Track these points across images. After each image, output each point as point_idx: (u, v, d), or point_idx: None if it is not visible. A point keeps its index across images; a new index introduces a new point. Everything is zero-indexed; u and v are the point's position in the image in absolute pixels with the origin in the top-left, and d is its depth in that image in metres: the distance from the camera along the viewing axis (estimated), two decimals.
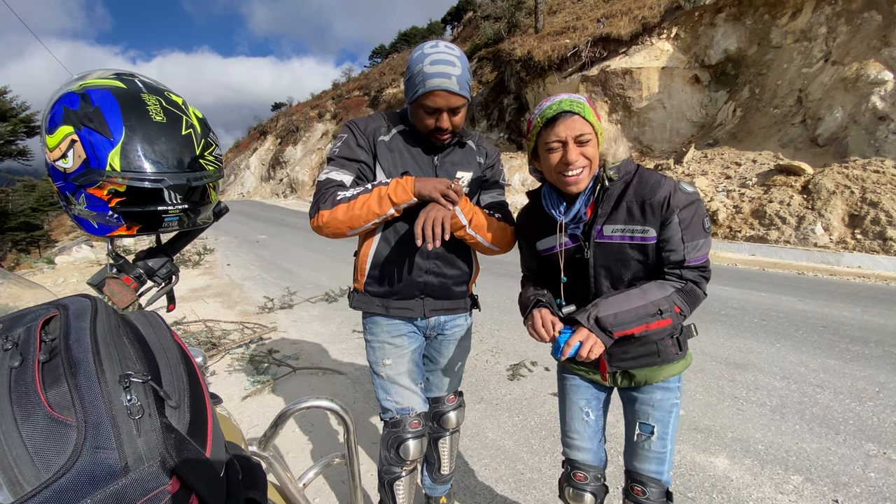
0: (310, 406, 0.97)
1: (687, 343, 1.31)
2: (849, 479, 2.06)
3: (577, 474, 1.36)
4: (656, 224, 1.17)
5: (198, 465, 0.41)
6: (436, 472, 1.82)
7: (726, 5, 11.20)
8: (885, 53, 8.56)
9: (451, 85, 1.30)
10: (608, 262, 1.23)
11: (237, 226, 14.35)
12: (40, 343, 0.42)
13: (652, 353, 1.27)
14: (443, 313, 1.59)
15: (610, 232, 1.21)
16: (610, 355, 1.29)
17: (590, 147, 1.16)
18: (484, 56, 18.33)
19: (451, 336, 1.65)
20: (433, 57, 1.30)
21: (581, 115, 1.14)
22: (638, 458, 1.31)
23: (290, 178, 30.12)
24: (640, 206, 1.18)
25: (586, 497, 1.34)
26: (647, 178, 1.20)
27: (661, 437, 1.29)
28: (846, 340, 3.63)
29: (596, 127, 1.17)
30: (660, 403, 1.29)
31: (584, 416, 1.39)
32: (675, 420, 1.31)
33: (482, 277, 1.85)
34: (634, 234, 1.19)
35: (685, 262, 1.18)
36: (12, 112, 16.49)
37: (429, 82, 1.29)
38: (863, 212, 7.23)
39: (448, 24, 34.52)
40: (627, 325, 1.14)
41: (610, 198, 1.21)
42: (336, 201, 1.35)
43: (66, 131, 0.82)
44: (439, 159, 1.49)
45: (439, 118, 1.35)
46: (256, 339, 4.10)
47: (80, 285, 6.55)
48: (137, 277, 1.01)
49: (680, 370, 1.29)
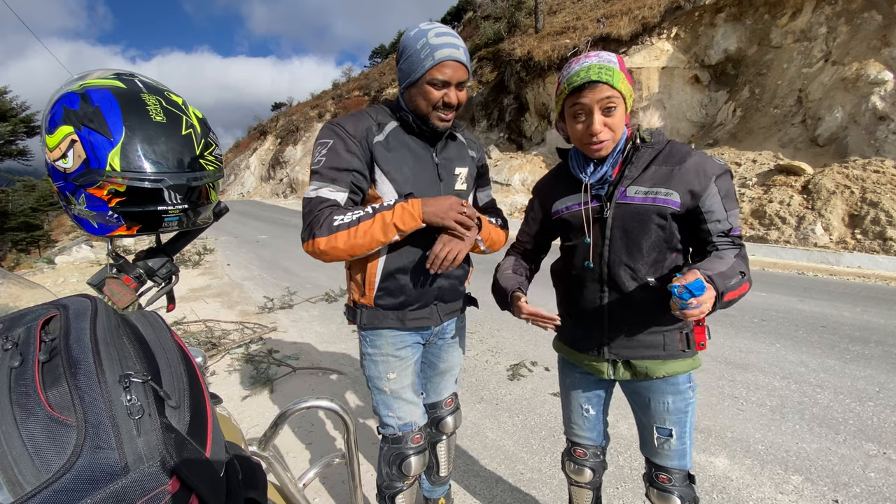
0: (310, 406, 0.97)
1: (695, 344, 1.25)
2: (849, 479, 2.06)
3: (577, 450, 1.45)
4: (683, 191, 1.15)
5: (198, 465, 0.41)
6: (434, 475, 1.79)
7: (726, 5, 11.20)
8: (885, 53, 8.56)
9: (460, 55, 1.26)
10: (627, 223, 1.19)
11: (237, 226, 14.35)
12: (40, 343, 0.42)
13: (657, 344, 1.23)
14: (452, 316, 1.54)
15: (633, 193, 1.18)
16: (610, 341, 1.26)
17: (616, 115, 1.13)
18: (484, 56, 18.32)
19: (452, 339, 1.61)
20: (436, 30, 1.26)
21: (609, 84, 1.09)
22: (659, 457, 1.31)
23: (290, 178, 30.12)
24: (669, 170, 1.16)
25: (586, 472, 1.43)
26: (678, 147, 1.20)
27: (680, 436, 1.28)
28: (846, 340, 3.63)
29: (624, 92, 1.13)
30: (674, 406, 1.26)
31: (584, 413, 1.42)
32: (691, 417, 1.29)
33: (482, 277, 1.85)
34: (658, 196, 1.15)
35: (733, 229, 1.16)
36: (12, 112, 16.47)
37: (437, 53, 1.23)
38: (863, 212, 7.23)
39: (448, 24, 34.52)
40: (732, 287, 1.06)
41: (639, 161, 1.19)
42: (333, 227, 1.23)
43: (66, 131, 0.82)
44: (439, 156, 1.42)
45: (448, 92, 1.28)
46: (256, 339, 4.10)
47: (80, 285, 6.55)
48: (137, 277, 1.01)
49: (685, 370, 1.25)
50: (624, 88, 1.13)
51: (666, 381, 1.26)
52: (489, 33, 18.67)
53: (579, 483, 1.46)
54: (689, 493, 1.29)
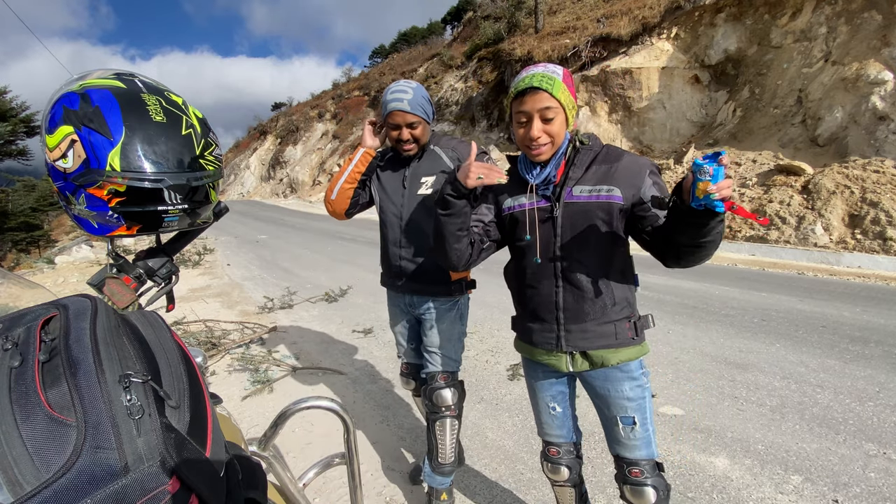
0: (310, 406, 0.97)
1: (644, 332, 1.36)
2: (849, 479, 2.06)
3: (550, 450, 1.50)
4: (623, 186, 1.25)
5: (198, 465, 0.41)
6: (434, 459, 1.89)
7: (726, 5, 11.20)
8: (885, 53, 8.56)
9: (403, 106, 1.73)
10: (575, 220, 1.28)
11: (237, 226, 14.35)
12: (40, 343, 0.42)
13: (610, 334, 1.31)
14: (422, 294, 1.95)
15: (578, 192, 1.28)
16: (567, 334, 1.33)
17: (555, 124, 1.23)
18: (484, 56, 18.33)
19: (433, 320, 1.93)
20: (391, 89, 1.77)
21: (548, 92, 1.19)
22: (628, 449, 1.35)
23: (290, 178, 30.12)
24: (608, 169, 1.27)
25: (562, 470, 1.47)
26: (613, 149, 1.32)
27: (643, 423, 1.33)
28: (846, 340, 3.63)
29: (563, 102, 1.22)
30: (632, 394, 1.33)
31: (551, 410, 1.47)
32: (649, 403, 1.36)
33: (482, 277, 1.88)
34: (601, 193, 1.26)
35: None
36: (12, 112, 16.46)
37: (388, 107, 1.76)
38: (863, 212, 7.23)
39: (448, 24, 34.49)
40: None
41: (581, 163, 1.30)
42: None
43: (66, 131, 0.82)
44: (409, 171, 1.86)
45: (401, 132, 1.77)
46: (256, 339, 4.10)
47: (80, 285, 6.55)
48: (137, 277, 1.01)
49: (635, 356, 1.33)
50: (564, 98, 1.22)
51: (620, 369, 1.33)
52: (489, 33, 18.67)
53: (557, 482, 1.51)
54: (660, 482, 1.33)
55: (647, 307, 4.39)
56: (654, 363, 3.32)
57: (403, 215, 1.86)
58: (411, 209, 1.84)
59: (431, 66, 23.70)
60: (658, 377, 3.11)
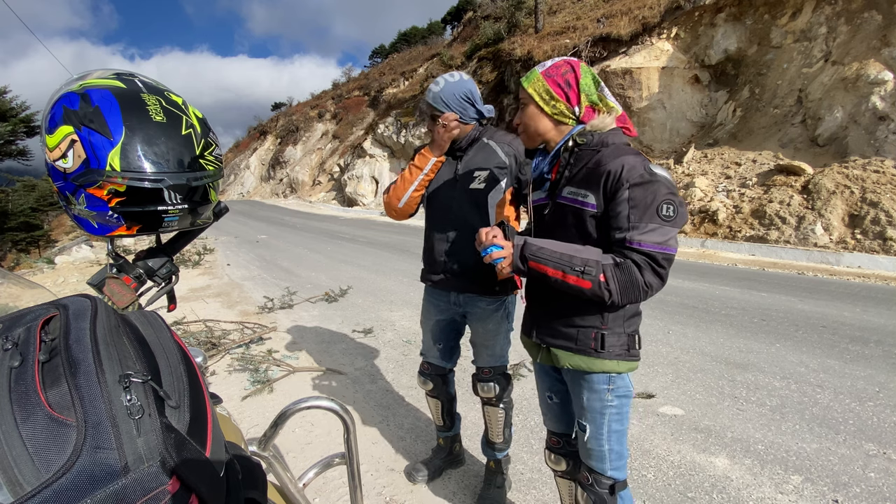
0: (310, 406, 0.97)
1: (613, 350, 1.22)
2: (849, 479, 2.06)
3: (551, 439, 1.51)
4: (598, 193, 1.15)
5: (198, 465, 0.41)
6: (485, 435, 2.02)
7: (726, 5, 11.20)
8: (885, 53, 8.56)
9: (428, 97, 1.76)
10: (556, 219, 1.27)
11: (237, 226, 14.35)
12: (40, 343, 0.42)
13: (571, 336, 1.26)
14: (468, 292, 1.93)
15: (566, 193, 1.24)
16: (538, 325, 1.35)
17: (524, 114, 1.28)
18: (484, 56, 18.32)
19: (479, 317, 1.94)
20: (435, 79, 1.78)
21: (522, 85, 1.27)
22: (581, 452, 1.34)
23: (289, 178, 30.12)
24: (591, 172, 1.18)
25: (562, 461, 1.49)
26: (614, 150, 1.17)
27: (595, 437, 1.27)
28: (846, 340, 3.63)
29: (531, 92, 1.25)
30: (589, 404, 1.27)
31: (549, 400, 1.49)
32: (610, 424, 1.26)
33: None
34: (577, 197, 1.20)
35: (627, 241, 1.11)
36: (12, 112, 16.47)
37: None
38: (863, 212, 7.23)
39: (448, 24, 34.49)
40: (545, 262, 1.17)
41: (577, 162, 1.24)
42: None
43: (66, 131, 0.82)
44: (461, 163, 1.82)
45: (433, 124, 1.78)
46: (256, 339, 4.10)
47: (80, 285, 6.55)
48: (137, 277, 1.01)
49: (597, 370, 1.23)
50: (532, 89, 1.24)
51: (582, 376, 1.28)
52: (489, 33, 18.67)
53: (558, 472, 1.52)
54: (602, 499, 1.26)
55: (647, 307, 4.38)
56: (654, 363, 3.32)
57: (454, 208, 1.80)
58: (462, 203, 1.78)
59: (431, 66, 23.71)
60: (658, 377, 3.11)
